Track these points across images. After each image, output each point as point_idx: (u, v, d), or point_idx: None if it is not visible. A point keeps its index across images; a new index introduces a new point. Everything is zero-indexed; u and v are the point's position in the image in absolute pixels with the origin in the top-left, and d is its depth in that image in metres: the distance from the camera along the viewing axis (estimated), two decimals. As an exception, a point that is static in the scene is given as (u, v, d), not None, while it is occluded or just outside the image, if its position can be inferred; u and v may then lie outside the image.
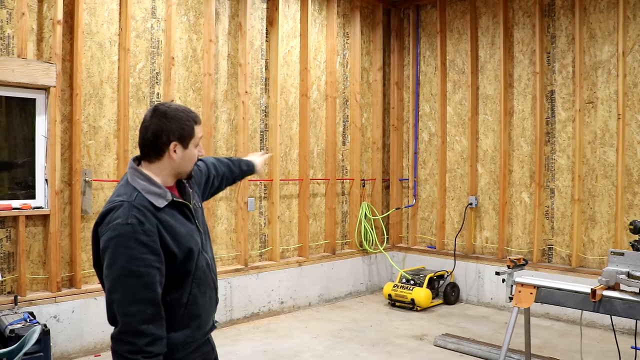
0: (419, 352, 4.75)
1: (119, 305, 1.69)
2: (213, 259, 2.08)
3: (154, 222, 1.75)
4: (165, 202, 1.81)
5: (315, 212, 6.52)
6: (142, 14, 4.95)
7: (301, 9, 6.27)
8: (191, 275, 1.87)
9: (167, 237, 1.77)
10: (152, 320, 1.70)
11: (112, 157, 4.79)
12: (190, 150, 1.89)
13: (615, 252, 3.19)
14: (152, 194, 1.80)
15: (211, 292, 1.99)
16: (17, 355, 2.89)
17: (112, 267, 1.70)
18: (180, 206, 1.89)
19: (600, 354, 4.63)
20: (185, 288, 1.86)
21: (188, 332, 1.88)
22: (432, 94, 7.09)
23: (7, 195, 4.29)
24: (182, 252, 1.82)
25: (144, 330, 1.68)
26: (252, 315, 5.70)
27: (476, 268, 6.47)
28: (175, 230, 1.81)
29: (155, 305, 1.72)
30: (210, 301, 1.99)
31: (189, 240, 1.86)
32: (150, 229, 1.73)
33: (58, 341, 4.31)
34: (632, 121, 5.40)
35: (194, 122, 1.89)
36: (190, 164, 1.92)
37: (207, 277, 1.96)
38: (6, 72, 4.05)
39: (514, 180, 6.27)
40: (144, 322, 1.68)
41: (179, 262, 1.82)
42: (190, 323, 1.88)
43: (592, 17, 5.65)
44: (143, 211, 1.74)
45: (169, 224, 1.80)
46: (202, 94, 5.35)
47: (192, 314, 1.89)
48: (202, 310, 1.93)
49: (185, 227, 1.87)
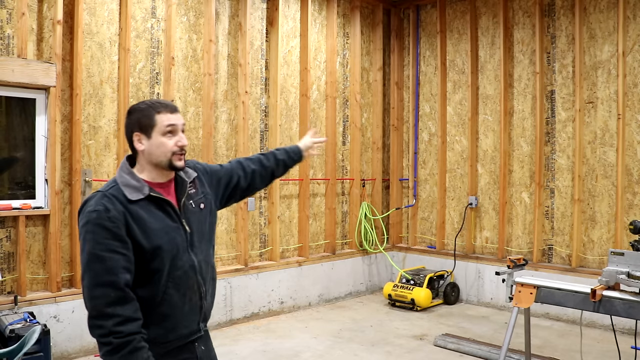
0: (419, 352, 4.75)
1: (86, 289, 1.75)
2: (207, 264, 2.01)
3: (121, 211, 1.78)
4: (140, 196, 1.84)
5: (315, 212, 6.52)
6: (142, 14, 4.95)
7: (301, 9, 6.27)
8: (163, 273, 1.83)
9: (135, 228, 1.79)
10: (117, 302, 1.73)
11: (112, 157, 4.79)
12: (156, 139, 1.87)
13: (615, 252, 3.19)
14: (128, 186, 1.84)
15: (194, 296, 1.93)
16: (17, 355, 2.89)
17: (82, 253, 1.78)
18: (159, 202, 1.88)
19: (600, 354, 4.63)
20: (155, 286, 1.83)
21: (160, 332, 1.85)
22: (432, 94, 7.09)
23: (7, 195, 4.29)
24: (150, 246, 1.81)
25: (110, 312, 1.72)
26: (252, 315, 5.70)
27: (476, 268, 6.47)
28: (146, 224, 1.82)
29: (119, 289, 1.73)
30: (191, 305, 1.92)
31: (162, 236, 1.84)
32: (115, 216, 1.77)
33: (58, 341, 4.31)
34: (632, 121, 5.40)
35: (155, 111, 1.88)
36: (162, 153, 1.88)
37: (189, 279, 1.90)
38: (6, 72, 4.05)
39: (514, 180, 6.27)
40: (109, 305, 1.72)
41: (148, 257, 1.81)
42: (163, 323, 1.85)
43: (592, 17, 5.65)
44: (112, 200, 1.80)
45: (140, 216, 1.81)
46: (202, 94, 5.35)
47: (165, 314, 1.85)
48: (179, 312, 1.88)
49: (161, 223, 1.86)
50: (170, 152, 1.89)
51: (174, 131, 1.90)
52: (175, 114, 1.92)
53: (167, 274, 1.84)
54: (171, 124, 1.89)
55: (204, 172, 2.15)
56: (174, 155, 1.90)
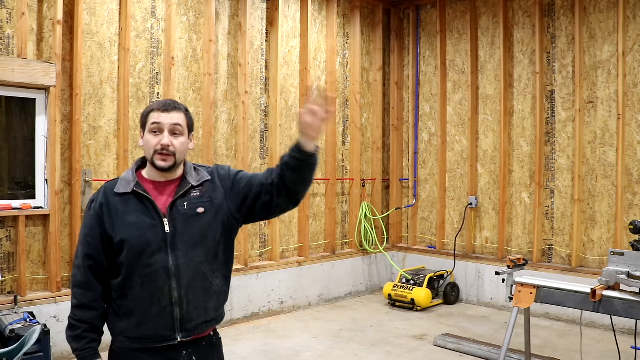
0: (419, 352, 4.75)
1: None
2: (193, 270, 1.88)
3: (102, 203, 1.90)
4: (128, 190, 1.90)
5: (315, 212, 6.52)
6: (142, 14, 4.95)
7: (301, 9, 6.27)
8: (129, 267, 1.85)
9: (107, 218, 1.89)
10: (79, 286, 1.89)
11: (112, 157, 4.79)
12: (146, 136, 1.93)
13: (615, 252, 3.19)
14: (123, 180, 1.94)
15: (163, 299, 1.84)
16: (17, 355, 2.89)
17: None
18: (142, 198, 1.90)
19: (600, 354, 4.63)
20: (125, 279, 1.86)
21: (127, 326, 1.88)
22: (432, 94, 7.09)
23: (7, 195, 4.29)
24: (118, 239, 1.86)
25: (75, 293, 1.90)
26: (252, 315, 5.70)
27: (476, 268, 6.47)
28: (119, 215, 1.88)
29: (83, 274, 1.89)
30: (160, 308, 1.84)
31: (131, 231, 1.85)
32: (95, 207, 1.91)
33: (58, 341, 4.30)
34: (632, 121, 5.39)
35: (150, 110, 1.93)
36: (148, 151, 1.91)
37: (158, 279, 1.84)
38: (6, 72, 4.05)
39: (514, 180, 6.27)
40: (75, 286, 1.90)
41: (116, 249, 1.87)
42: (129, 317, 1.87)
43: (592, 17, 5.65)
44: (103, 193, 1.93)
45: (116, 207, 1.89)
46: (202, 94, 5.35)
47: (130, 308, 1.87)
48: (144, 311, 1.85)
49: (138, 218, 1.86)
50: (152, 150, 1.89)
51: (159, 130, 1.89)
52: (167, 113, 1.89)
53: (134, 270, 1.85)
54: (155, 122, 1.89)
55: (225, 178, 2.00)
56: (155, 153, 1.88)
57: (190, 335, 1.91)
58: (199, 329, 1.93)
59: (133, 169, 1.97)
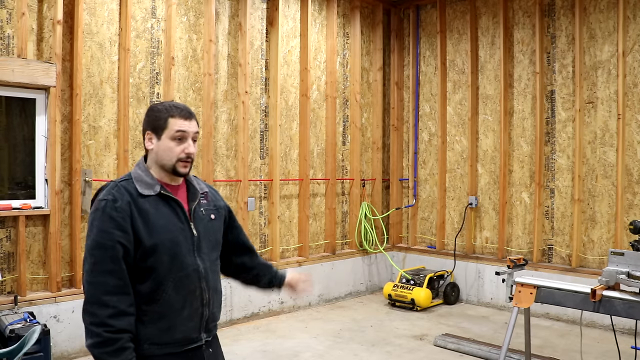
0: (419, 352, 4.75)
1: (86, 275, 1.77)
2: (214, 272, 1.98)
3: (128, 202, 1.81)
4: (152, 192, 1.87)
5: (315, 212, 6.52)
6: (142, 14, 4.95)
7: (301, 9, 6.27)
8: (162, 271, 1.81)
9: (139, 220, 1.81)
10: (115, 292, 1.74)
11: (112, 157, 4.79)
12: (164, 142, 1.89)
13: (615, 252, 3.19)
14: (141, 182, 1.88)
15: (195, 301, 1.89)
16: (17, 355, 2.89)
17: (87, 239, 1.82)
18: (169, 200, 1.90)
19: (600, 354, 4.63)
20: (154, 283, 1.81)
21: (154, 331, 1.81)
22: (432, 94, 7.09)
23: (7, 195, 4.29)
24: (150, 242, 1.80)
25: (107, 301, 1.72)
26: (252, 315, 5.70)
27: (476, 268, 6.47)
28: (150, 218, 1.83)
29: (118, 278, 1.75)
30: (191, 310, 1.88)
31: (164, 233, 1.83)
32: (121, 207, 1.80)
33: (58, 341, 4.31)
34: (632, 121, 5.40)
35: (169, 115, 1.89)
36: (168, 157, 1.89)
37: (192, 284, 1.88)
38: (6, 72, 4.05)
39: (514, 180, 6.27)
40: (107, 294, 1.73)
41: (147, 252, 1.80)
42: (158, 322, 1.82)
43: (592, 17, 5.65)
44: (122, 191, 1.83)
45: (146, 209, 1.83)
46: (202, 94, 5.35)
47: (161, 313, 1.82)
48: (175, 314, 1.85)
49: (166, 221, 1.86)
50: (175, 158, 1.90)
51: (183, 138, 1.90)
52: (189, 122, 1.93)
53: (167, 273, 1.83)
54: (181, 130, 1.90)
55: (220, 202, 2.13)
56: (178, 161, 1.91)
57: (210, 335, 2.00)
58: (216, 327, 2.04)
59: (147, 170, 1.92)
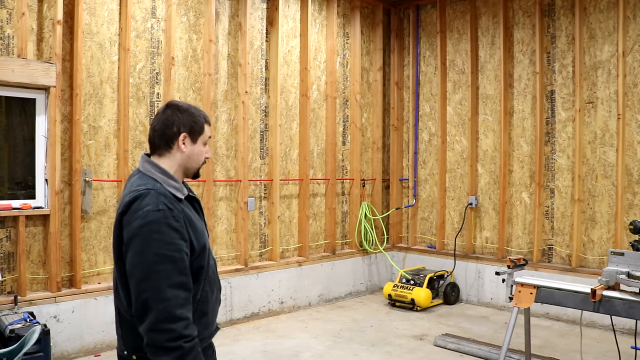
0: (419, 352, 4.75)
1: (154, 292, 1.66)
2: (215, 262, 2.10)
3: (180, 210, 1.79)
4: (182, 196, 1.85)
5: (315, 212, 6.52)
6: (142, 14, 4.95)
7: (301, 9, 6.27)
8: (204, 271, 1.87)
9: (190, 227, 1.81)
10: (185, 304, 1.71)
11: (112, 157, 4.79)
12: (199, 146, 1.93)
13: (615, 252, 3.19)
14: (171, 186, 1.83)
15: (218, 293, 2.02)
16: (17, 355, 2.89)
17: (144, 254, 1.68)
18: (193, 202, 1.96)
19: (600, 354, 4.63)
20: (197, 284, 1.85)
21: (200, 329, 1.82)
22: (432, 94, 7.09)
23: (7, 195, 4.29)
24: (199, 246, 1.84)
25: (180, 314, 1.68)
26: (252, 315, 5.70)
27: (476, 268, 6.47)
28: (193, 221, 1.85)
29: (188, 289, 1.73)
30: (216, 302, 2.00)
31: (203, 235, 1.90)
32: (179, 216, 1.76)
33: (58, 341, 4.31)
34: (632, 121, 5.39)
35: (204, 120, 1.96)
36: (197, 162, 1.95)
37: (215, 277, 1.99)
38: (6, 72, 4.05)
39: (514, 180, 6.27)
40: (180, 307, 1.68)
41: (196, 256, 1.83)
42: (200, 320, 1.86)
43: (592, 17, 5.65)
44: (169, 198, 1.77)
45: (188, 214, 1.84)
46: (202, 94, 5.35)
47: (202, 311, 1.88)
48: (210, 309, 1.93)
49: (200, 223, 1.93)
50: (202, 162, 1.98)
51: (208, 143, 2.01)
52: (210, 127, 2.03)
53: (203, 271, 1.88)
54: (210, 136, 2.01)
55: None
56: (201, 164, 1.99)
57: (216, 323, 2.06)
58: None
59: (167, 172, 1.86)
